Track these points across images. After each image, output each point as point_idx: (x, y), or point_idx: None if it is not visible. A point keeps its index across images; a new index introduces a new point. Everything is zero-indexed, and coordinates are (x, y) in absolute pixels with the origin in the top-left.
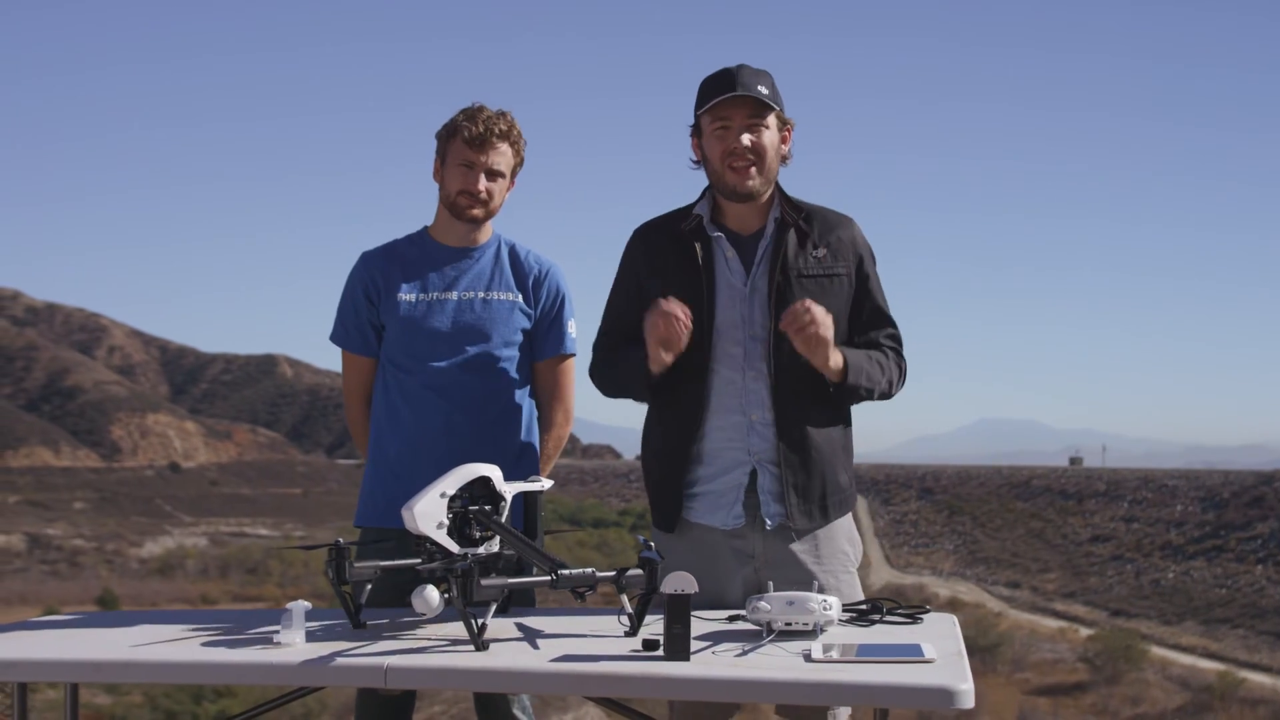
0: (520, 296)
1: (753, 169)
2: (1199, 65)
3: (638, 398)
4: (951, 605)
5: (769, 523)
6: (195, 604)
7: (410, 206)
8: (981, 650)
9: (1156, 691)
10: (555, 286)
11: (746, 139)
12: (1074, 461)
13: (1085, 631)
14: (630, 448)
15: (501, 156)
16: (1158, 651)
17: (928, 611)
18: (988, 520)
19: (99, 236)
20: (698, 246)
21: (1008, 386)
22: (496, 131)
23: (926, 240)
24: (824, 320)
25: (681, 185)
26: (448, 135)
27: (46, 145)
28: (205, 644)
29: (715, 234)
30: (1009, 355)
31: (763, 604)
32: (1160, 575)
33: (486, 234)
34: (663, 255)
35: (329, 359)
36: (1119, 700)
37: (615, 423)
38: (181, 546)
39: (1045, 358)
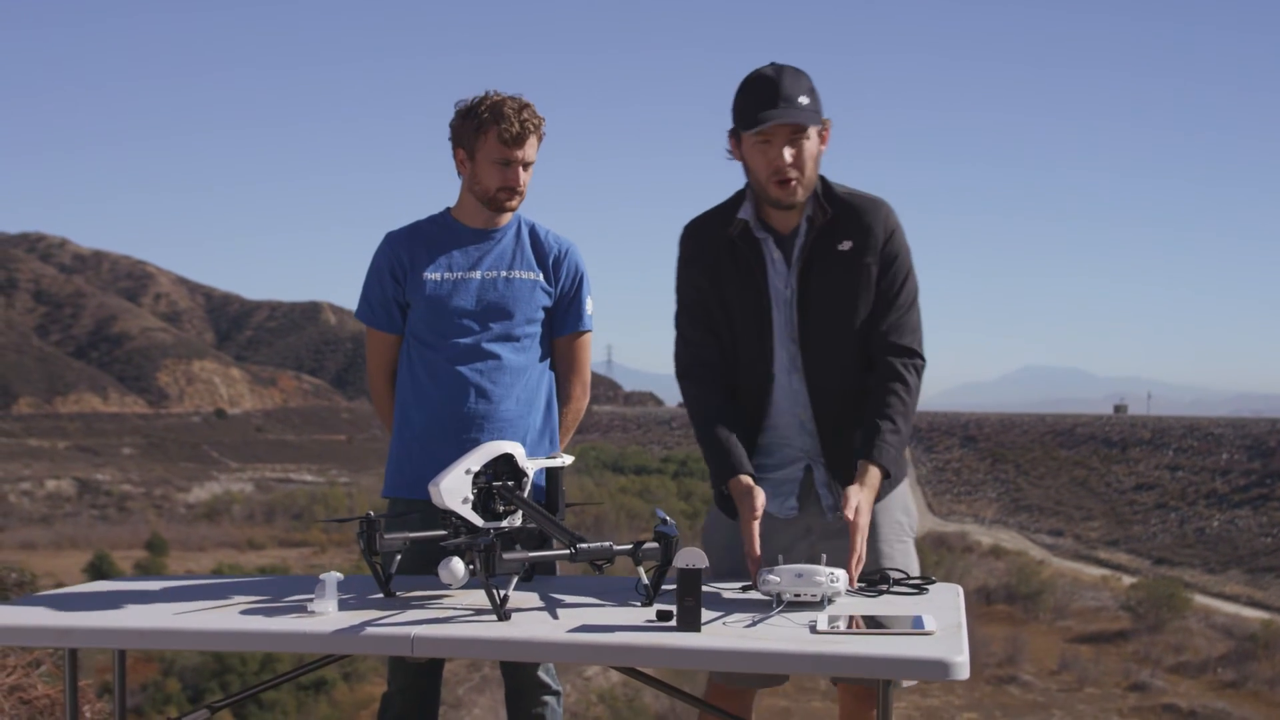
0: (541, 275)
1: (795, 183)
2: (1229, 29)
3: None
4: (994, 553)
5: (828, 515)
6: (241, 548)
7: (445, 161)
8: (1023, 598)
9: (1200, 640)
10: (574, 265)
11: (789, 154)
12: (1119, 409)
13: (1128, 580)
14: (672, 395)
15: (532, 147)
16: (1201, 600)
17: (933, 582)
18: (1031, 468)
19: (145, 185)
20: (748, 252)
21: (1052, 334)
22: (530, 126)
23: (971, 189)
24: (865, 516)
25: (694, 167)
26: (476, 130)
27: (94, 94)
28: (243, 611)
29: (762, 235)
30: (1054, 303)
31: (772, 576)
32: (1205, 524)
33: (507, 215)
34: (715, 257)
35: None
36: (1161, 648)
37: (657, 370)
38: (228, 492)
39: (1090, 305)
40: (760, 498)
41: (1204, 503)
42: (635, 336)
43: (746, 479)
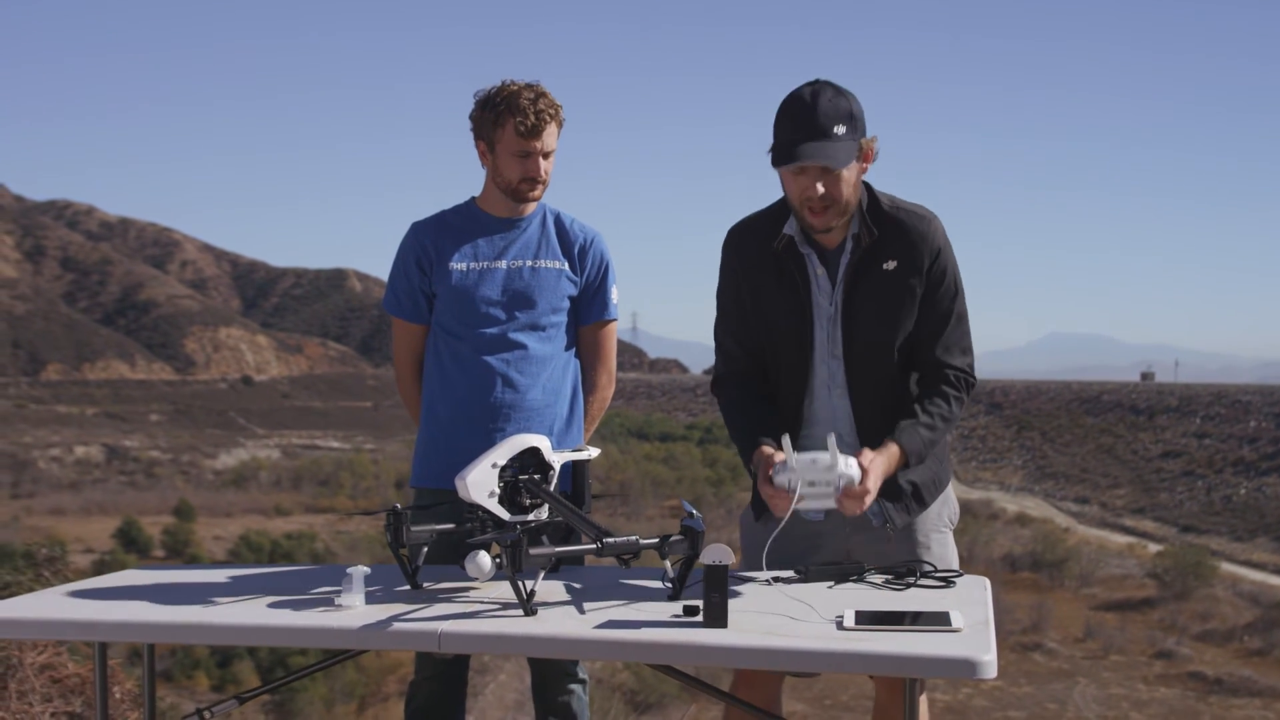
0: (566, 264)
1: (828, 213)
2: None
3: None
4: (1019, 521)
5: (874, 520)
6: (269, 515)
7: (469, 137)
8: (1049, 565)
9: (1226, 608)
10: (599, 254)
11: (820, 188)
12: (1145, 376)
13: (1154, 547)
14: (697, 362)
15: (551, 135)
16: (1228, 568)
17: (961, 575)
18: (1057, 435)
19: (171, 152)
20: (792, 267)
21: (1079, 301)
22: (547, 116)
23: (999, 157)
24: (873, 485)
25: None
26: (493, 123)
27: (122, 62)
28: (271, 605)
29: (806, 251)
30: (1081, 270)
31: (787, 466)
32: (1232, 491)
33: (532, 204)
34: (757, 268)
35: None
36: (1187, 616)
37: (682, 337)
38: (255, 458)
39: (1118, 272)
40: (776, 453)
41: (1231, 470)
42: (661, 303)
43: (766, 447)
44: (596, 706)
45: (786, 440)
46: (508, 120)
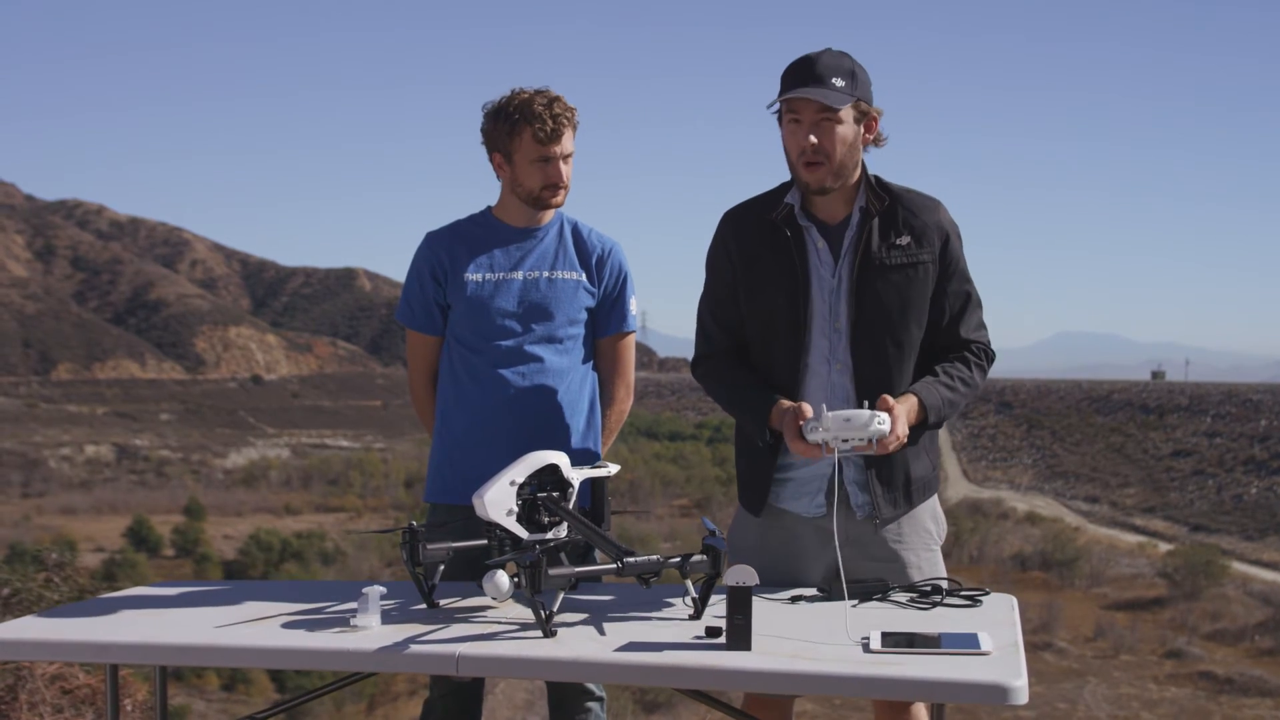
0: (584, 275)
1: (821, 169)
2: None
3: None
4: (1029, 520)
5: (858, 513)
6: (278, 514)
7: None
8: (1059, 565)
9: (1237, 607)
10: (618, 265)
11: (812, 138)
12: (1156, 375)
13: (1165, 547)
14: None
15: (569, 139)
16: (1239, 567)
17: (987, 594)
18: (1067, 434)
19: (181, 152)
20: (790, 237)
21: (1088, 299)
22: (564, 120)
23: (1009, 156)
24: (902, 432)
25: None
26: (509, 133)
27: (131, 62)
28: (285, 625)
29: (806, 224)
30: (1091, 268)
31: (819, 425)
32: (1243, 490)
33: (549, 213)
34: (754, 243)
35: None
36: (1198, 615)
37: (691, 336)
38: (264, 457)
39: (1128, 271)
40: (805, 405)
41: (1242, 469)
42: (670, 302)
43: (784, 401)
44: (605, 705)
45: (825, 408)
46: (524, 129)
